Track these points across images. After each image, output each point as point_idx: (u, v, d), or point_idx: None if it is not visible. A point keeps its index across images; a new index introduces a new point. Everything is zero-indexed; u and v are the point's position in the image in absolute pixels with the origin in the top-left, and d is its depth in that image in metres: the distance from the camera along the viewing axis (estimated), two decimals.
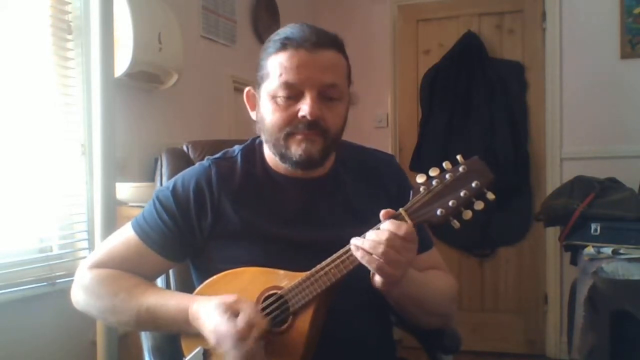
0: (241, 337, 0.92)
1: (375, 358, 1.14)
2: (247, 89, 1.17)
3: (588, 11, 3.17)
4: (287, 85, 1.04)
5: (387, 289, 1.01)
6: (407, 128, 3.56)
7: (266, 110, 1.08)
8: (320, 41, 1.05)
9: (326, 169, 1.16)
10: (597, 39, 3.15)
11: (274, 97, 1.06)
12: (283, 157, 1.09)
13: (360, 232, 0.97)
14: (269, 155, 1.15)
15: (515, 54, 3.36)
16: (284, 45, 1.05)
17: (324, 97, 1.06)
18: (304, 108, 1.03)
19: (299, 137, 1.06)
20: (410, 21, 3.54)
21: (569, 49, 3.22)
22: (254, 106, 1.15)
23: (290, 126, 1.06)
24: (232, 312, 0.95)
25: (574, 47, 3.21)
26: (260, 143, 1.18)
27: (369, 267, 0.95)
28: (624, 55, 3.10)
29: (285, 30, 1.08)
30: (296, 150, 1.06)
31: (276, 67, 1.05)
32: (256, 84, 1.12)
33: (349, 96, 1.12)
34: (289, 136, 1.06)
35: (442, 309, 1.15)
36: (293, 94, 1.05)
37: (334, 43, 1.08)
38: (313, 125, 1.05)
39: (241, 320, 0.93)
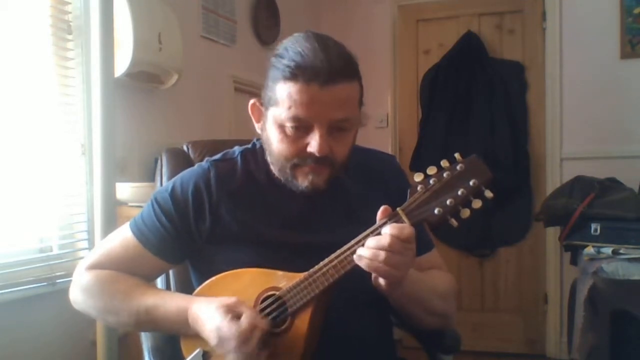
0: (245, 338, 0.92)
1: (375, 358, 1.13)
2: (251, 101, 1.12)
3: (588, 11, 3.17)
4: (297, 119, 1.00)
5: (388, 290, 1.01)
6: (407, 128, 3.56)
7: (273, 136, 1.05)
8: (333, 73, 0.98)
9: None
10: (597, 39, 3.15)
11: (281, 126, 1.03)
12: (288, 183, 1.07)
13: (360, 234, 0.97)
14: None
15: (515, 54, 3.36)
16: (295, 75, 0.98)
17: (334, 128, 1.03)
18: (313, 144, 1.01)
19: (306, 169, 1.04)
20: (410, 21, 3.54)
21: (569, 49, 3.22)
22: (259, 119, 1.12)
23: (298, 158, 1.03)
24: (234, 314, 0.95)
25: (574, 47, 3.21)
26: (262, 147, 1.15)
27: (372, 272, 0.95)
28: (624, 55, 3.10)
29: (296, 53, 1.00)
30: (302, 181, 1.05)
31: (285, 97, 1.00)
32: (263, 99, 1.08)
33: (360, 119, 1.09)
34: (295, 167, 1.04)
35: (442, 309, 1.15)
36: (302, 125, 1.01)
37: (349, 71, 1.02)
38: (321, 160, 1.02)
39: (244, 322, 0.93)
